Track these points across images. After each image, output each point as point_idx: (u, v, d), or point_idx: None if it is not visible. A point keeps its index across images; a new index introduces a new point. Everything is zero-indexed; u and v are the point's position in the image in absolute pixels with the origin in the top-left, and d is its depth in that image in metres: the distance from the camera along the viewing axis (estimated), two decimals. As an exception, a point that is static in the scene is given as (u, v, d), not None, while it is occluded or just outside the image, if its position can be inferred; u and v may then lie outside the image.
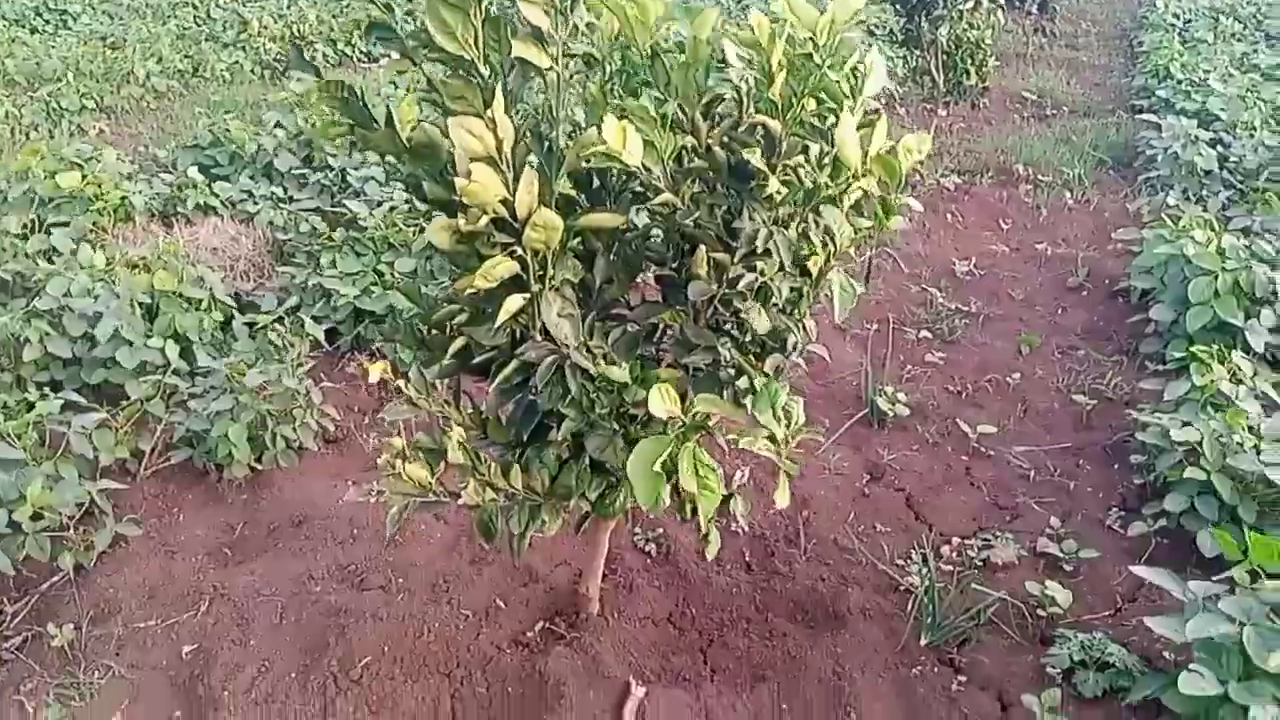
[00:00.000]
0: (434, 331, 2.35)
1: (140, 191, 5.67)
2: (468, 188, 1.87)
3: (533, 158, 2.04)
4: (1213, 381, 3.40)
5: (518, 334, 2.22)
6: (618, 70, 2.14)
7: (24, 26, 12.83)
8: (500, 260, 1.98)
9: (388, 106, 2.03)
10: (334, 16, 12.02)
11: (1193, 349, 3.65)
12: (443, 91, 1.88)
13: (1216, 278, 4.09)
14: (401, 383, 2.26)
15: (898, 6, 8.07)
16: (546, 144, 2.05)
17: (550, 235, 1.94)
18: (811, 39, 1.94)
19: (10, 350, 4.03)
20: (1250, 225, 5.30)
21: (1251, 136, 6.77)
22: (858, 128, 2.06)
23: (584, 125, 2.17)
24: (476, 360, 2.27)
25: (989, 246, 6.04)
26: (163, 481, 3.67)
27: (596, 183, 2.26)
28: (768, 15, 2.03)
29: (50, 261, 4.79)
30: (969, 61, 8.10)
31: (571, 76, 1.99)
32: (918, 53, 8.31)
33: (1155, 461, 3.36)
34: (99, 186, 5.47)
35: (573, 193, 2.24)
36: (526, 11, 1.84)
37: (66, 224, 5.28)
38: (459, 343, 2.25)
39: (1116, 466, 3.74)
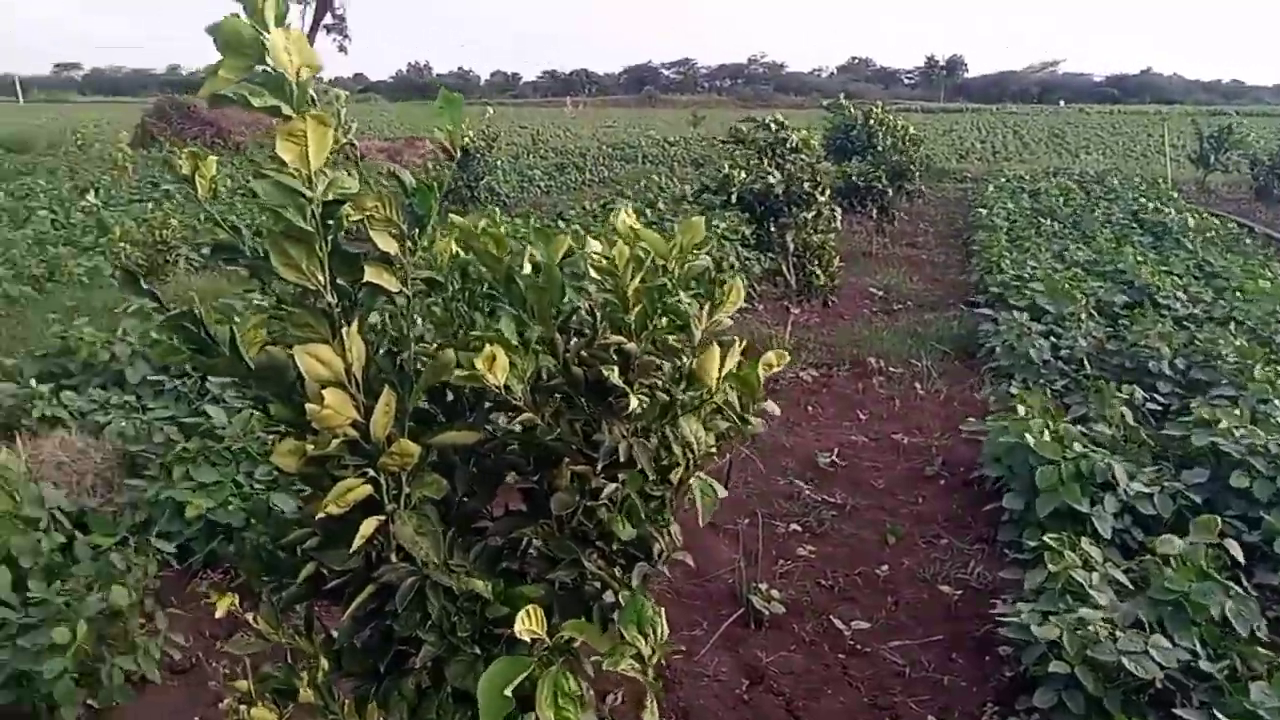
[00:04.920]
0: (283, 554, 2.24)
1: (-22, 404, 5.38)
2: (320, 414, 1.83)
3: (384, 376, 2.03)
4: (1065, 569, 3.51)
5: (373, 556, 2.14)
6: (459, 290, 2.19)
7: None
8: (353, 484, 1.93)
9: (231, 330, 2.00)
10: (198, 221, 12.02)
11: (1045, 538, 3.78)
12: (288, 319, 1.87)
13: (1059, 466, 4.30)
14: (250, 615, 2.12)
15: (748, 214, 8.59)
16: (399, 363, 2.05)
17: (406, 460, 1.91)
18: (664, 266, 2.02)
19: None
20: (1086, 412, 5.65)
21: (1079, 326, 7.32)
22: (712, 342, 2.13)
23: (433, 343, 2.19)
24: (329, 585, 2.16)
25: (849, 437, 6.24)
26: (-19, 730, 3.30)
27: (450, 396, 2.26)
28: (618, 238, 2.12)
29: None
30: (817, 263, 8.62)
31: (416, 296, 2.02)
32: (770, 254, 8.79)
33: (1021, 655, 3.41)
34: (-68, 401, 5.16)
35: (426, 406, 2.23)
36: (376, 239, 1.87)
37: (-109, 442, 4.93)
38: (309, 568, 2.15)
39: (987, 659, 3.78)
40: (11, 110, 59.43)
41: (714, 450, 2.32)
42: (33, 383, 5.73)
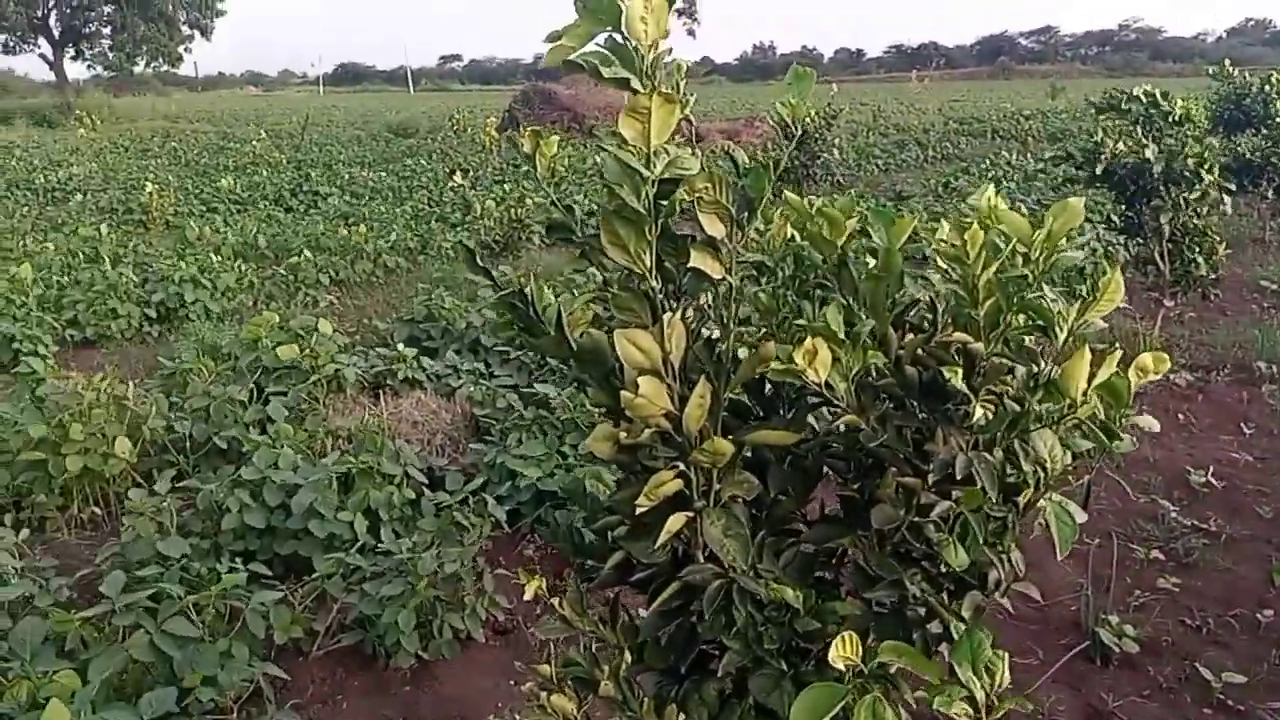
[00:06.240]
0: (594, 539, 2.21)
1: (354, 364, 5.97)
2: (634, 402, 1.75)
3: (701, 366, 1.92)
4: None
5: (679, 551, 2.05)
6: (790, 276, 2.01)
7: (281, 206, 14.35)
8: (667, 478, 1.84)
9: (559, 310, 1.97)
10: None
11: None
12: (611, 301, 1.80)
13: None
14: (556, 600, 2.11)
15: (1116, 193, 7.70)
16: (716, 354, 1.92)
17: (718, 458, 1.79)
18: (1025, 255, 1.74)
19: (213, 517, 4.19)
20: None
21: None
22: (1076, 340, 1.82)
23: (758, 331, 2.04)
24: (636, 577, 2.10)
25: (1229, 454, 5.40)
26: (332, 664, 3.63)
27: (769, 390, 2.11)
28: (969, 219, 1.86)
29: (264, 430, 5.06)
30: (1196, 250, 7.56)
31: (743, 281, 1.87)
32: (1139, 240, 7.85)
33: None
34: (316, 359, 5.79)
35: (743, 398, 2.10)
36: (703, 221, 1.75)
37: (284, 393, 5.59)
38: (618, 556, 2.09)
39: None
40: (403, 99, 66.85)
41: (1071, 469, 2.01)
42: (400, 347, 6.30)
